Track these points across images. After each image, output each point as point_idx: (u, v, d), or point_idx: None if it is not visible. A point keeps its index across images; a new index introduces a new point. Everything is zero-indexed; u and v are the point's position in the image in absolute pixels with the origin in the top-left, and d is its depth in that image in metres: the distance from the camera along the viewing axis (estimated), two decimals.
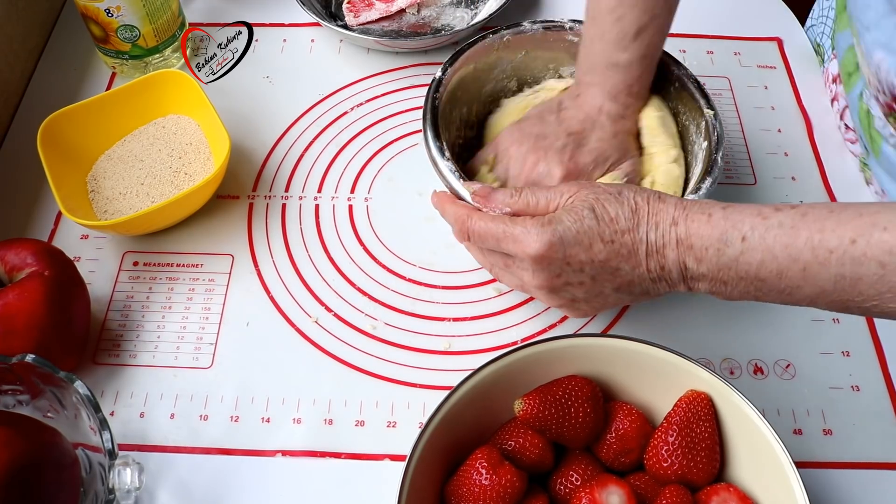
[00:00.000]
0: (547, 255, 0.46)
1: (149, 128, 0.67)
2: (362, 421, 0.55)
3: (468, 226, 0.50)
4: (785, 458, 0.44)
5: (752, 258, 0.42)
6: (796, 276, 0.41)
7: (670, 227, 0.44)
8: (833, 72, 0.70)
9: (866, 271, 0.38)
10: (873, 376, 0.57)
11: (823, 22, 0.75)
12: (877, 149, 0.62)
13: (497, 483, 0.44)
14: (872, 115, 0.61)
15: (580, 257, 0.45)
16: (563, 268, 0.46)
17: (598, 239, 0.45)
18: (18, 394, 0.49)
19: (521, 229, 0.46)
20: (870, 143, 0.63)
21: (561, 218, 0.46)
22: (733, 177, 0.67)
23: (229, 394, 0.56)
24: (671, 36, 0.58)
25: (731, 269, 0.42)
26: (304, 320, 0.59)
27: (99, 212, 0.62)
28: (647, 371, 0.49)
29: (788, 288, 0.41)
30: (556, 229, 0.45)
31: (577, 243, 0.45)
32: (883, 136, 0.60)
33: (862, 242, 0.38)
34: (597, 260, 0.45)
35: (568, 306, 0.49)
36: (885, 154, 0.61)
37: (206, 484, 0.52)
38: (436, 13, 0.78)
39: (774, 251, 0.41)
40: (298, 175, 0.67)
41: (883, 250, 0.37)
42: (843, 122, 0.69)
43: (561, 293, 0.48)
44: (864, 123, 0.63)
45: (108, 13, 0.66)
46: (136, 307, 0.60)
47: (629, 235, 0.45)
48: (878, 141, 0.61)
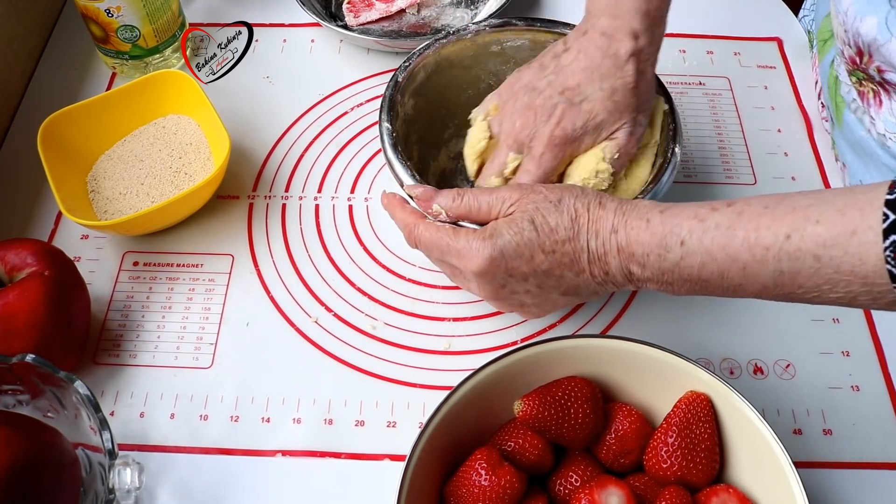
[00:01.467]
0: (489, 269, 0.46)
1: (149, 128, 0.67)
2: (362, 421, 0.55)
3: (415, 234, 0.50)
4: (784, 459, 0.44)
5: (693, 261, 0.42)
6: (737, 275, 0.41)
7: (610, 235, 0.44)
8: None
9: (802, 266, 0.38)
10: (873, 376, 0.57)
11: (814, 10, 0.75)
12: (840, 117, 0.62)
13: (496, 484, 0.44)
14: (839, 80, 0.62)
15: (522, 269, 0.46)
16: (507, 279, 0.47)
17: (539, 250, 0.46)
18: (19, 394, 0.49)
19: (465, 243, 0.47)
20: (835, 111, 0.63)
21: (501, 231, 0.46)
22: (733, 177, 0.67)
23: (229, 394, 0.56)
24: (671, 36, 0.58)
25: (674, 273, 0.43)
26: (304, 320, 0.59)
27: (99, 212, 0.62)
28: (647, 372, 0.49)
29: (732, 286, 0.42)
30: (496, 244, 0.46)
31: (517, 256, 0.46)
32: (846, 102, 0.61)
33: (796, 237, 0.38)
34: (539, 270, 0.46)
35: (519, 310, 0.50)
36: (846, 122, 0.61)
37: (206, 484, 0.52)
38: (436, 13, 0.78)
39: (713, 253, 0.41)
40: (298, 175, 0.67)
41: (816, 244, 0.38)
42: (820, 101, 0.70)
43: (509, 300, 0.49)
44: (831, 92, 0.63)
45: (108, 13, 0.66)
46: (136, 307, 0.60)
47: (570, 245, 0.45)
48: (842, 108, 0.62)
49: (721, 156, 0.69)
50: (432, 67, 0.62)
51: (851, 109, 0.61)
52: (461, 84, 0.64)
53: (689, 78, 0.74)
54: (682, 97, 0.72)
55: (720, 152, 0.69)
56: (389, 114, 0.57)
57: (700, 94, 0.73)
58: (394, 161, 0.55)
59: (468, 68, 0.64)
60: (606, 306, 0.60)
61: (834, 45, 0.63)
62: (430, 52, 0.61)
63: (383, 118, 0.57)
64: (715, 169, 0.68)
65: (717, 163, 0.68)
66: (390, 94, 0.58)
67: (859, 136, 0.61)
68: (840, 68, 0.62)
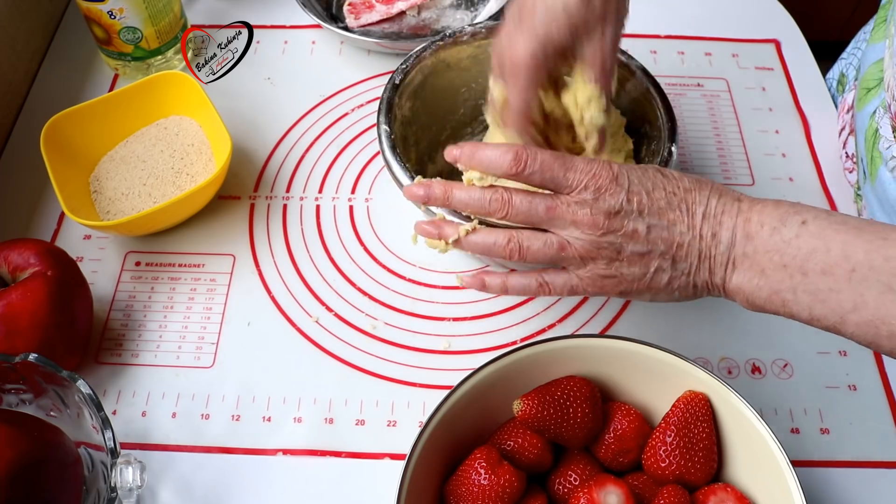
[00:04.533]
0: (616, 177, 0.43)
1: (151, 129, 0.67)
2: (362, 420, 0.55)
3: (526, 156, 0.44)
4: (782, 458, 0.44)
5: (805, 244, 0.40)
6: (842, 276, 0.39)
7: (734, 201, 0.44)
8: (849, 102, 0.69)
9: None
10: (870, 376, 0.57)
11: (855, 54, 0.73)
12: (874, 172, 0.60)
13: (496, 483, 0.44)
14: (880, 134, 0.60)
15: (642, 197, 0.44)
16: (624, 205, 0.43)
17: (661, 188, 0.44)
18: (21, 393, 0.50)
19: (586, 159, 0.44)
20: (869, 164, 0.61)
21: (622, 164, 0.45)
22: (731, 177, 0.68)
23: (230, 393, 0.56)
24: (670, 38, 0.58)
25: (777, 254, 0.41)
26: (304, 320, 0.60)
27: (101, 212, 0.63)
28: (646, 371, 0.49)
29: (827, 290, 0.39)
30: (619, 166, 0.44)
31: (640, 184, 0.44)
32: (884, 159, 0.59)
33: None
34: (655, 207, 0.44)
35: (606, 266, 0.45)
36: (880, 179, 0.59)
37: (208, 482, 0.53)
38: (436, 15, 0.79)
39: (830, 243, 0.39)
40: (299, 176, 0.68)
41: None
42: (845, 151, 0.68)
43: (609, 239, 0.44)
44: (868, 144, 0.61)
45: (110, 15, 0.67)
46: (138, 307, 0.60)
47: (692, 195, 0.44)
48: (878, 163, 0.60)
49: (719, 157, 0.69)
50: (429, 69, 0.62)
51: (889, 167, 0.58)
52: (458, 86, 0.65)
53: (688, 80, 0.74)
54: (680, 98, 0.73)
55: (718, 153, 0.69)
56: (387, 116, 0.58)
57: (698, 96, 0.73)
58: (392, 163, 0.55)
59: (465, 70, 0.64)
60: (605, 306, 0.61)
61: (879, 94, 0.61)
62: (428, 55, 0.61)
63: (381, 120, 0.58)
64: (713, 170, 0.68)
65: (715, 164, 0.69)
66: (388, 96, 0.59)
67: (893, 196, 0.58)
68: (883, 121, 0.59)
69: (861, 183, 0.64)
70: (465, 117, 0.67)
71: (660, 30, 0.77)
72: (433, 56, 0.62)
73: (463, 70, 0.64)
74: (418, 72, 0.61)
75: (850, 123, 0.68)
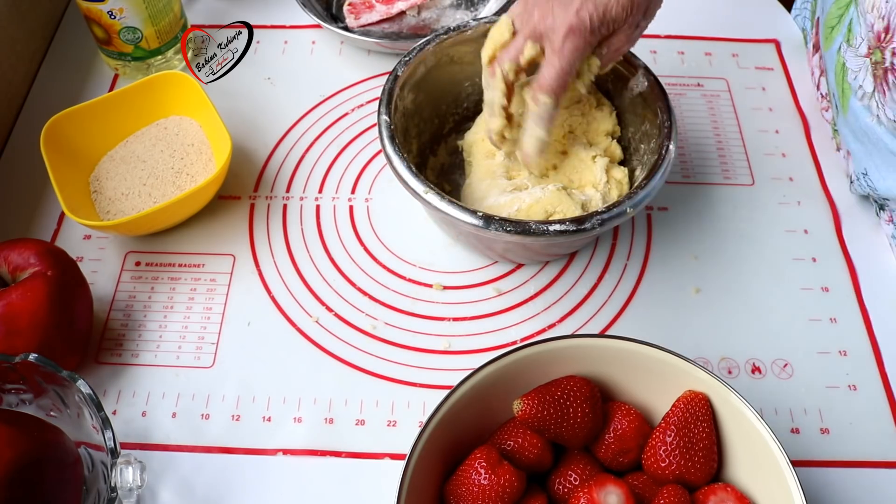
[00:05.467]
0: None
1: (151, 129, 0.67)
2: (363, 420, 0.55)
3: None
4: (782, 458, 0.44)
5: None
6: None
7: None
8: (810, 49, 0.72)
9: None
10: (870, 375, 0.57)
11: (805, 7, 0.77)
12: (846, 104, 0.62)
13: (496, 483, 0.44)
14: (847, 67, 0.62)
15: None
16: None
17: None
18: (21, 393, 0.50)
19: None
20: (840, 98, 0.63)
21: None
22: (731, 177, 0.68)
23: (230, 393, 0.56)
24: (670, 38, 0.58)
25: None
26: (304, 320, 0.60)
27: (101, 212, 0.63)
28: (646, 371, 0.49)
29: None
30: None
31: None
32: (853, 89, 0.61)
33: None
34: None
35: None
36: (852, 109, 0.62)
37: (208, 482, 0.53)
38: (436, 15, 0.79)
39: None
40: (299, 176, 0.68)
41: None
42: (820, 93, 0.70)
43: None
44: (838, 78, 0.63)
45: (110, 15, 0.67)
46: (138, 307, 0.60)
47: None
48: (848, 95, 0.62)
49: (719, 156, 0.69)
50: (433, 62, 0.62)
51: (858, 97, 0.61)
52: (461, 80, 0.65)
53: (688, 79, 0.74)
54: (680, 98, 0.73)
55: (718, 153, 0.69)
56: (388, 107, 0.58)
57: (698, 96, 0.73)
58: (391, 153, 0.55)
59: (469, 64, 0.64)
60: (605, 306, 0.61)
61: (841, 31, 0.64)
62: (431, 48, 0.61)
63: (382, 111, 0.57)
64: (713, 170, 0.68)
65: (714, 163, 0.69)
66: (389, 87, 0.59)
67: (865, 124, 0.61)
68: (848, 55, 0.62)
69: (835, 118, 0.66)
70: (468, 111, 0.67)
71: (660, 30, 0.77)
72: (437, 49, 0.62)
73: (467, 64, 0.64)
74: (421, 64, 0.61)
75: (818, 65, 0.70)
